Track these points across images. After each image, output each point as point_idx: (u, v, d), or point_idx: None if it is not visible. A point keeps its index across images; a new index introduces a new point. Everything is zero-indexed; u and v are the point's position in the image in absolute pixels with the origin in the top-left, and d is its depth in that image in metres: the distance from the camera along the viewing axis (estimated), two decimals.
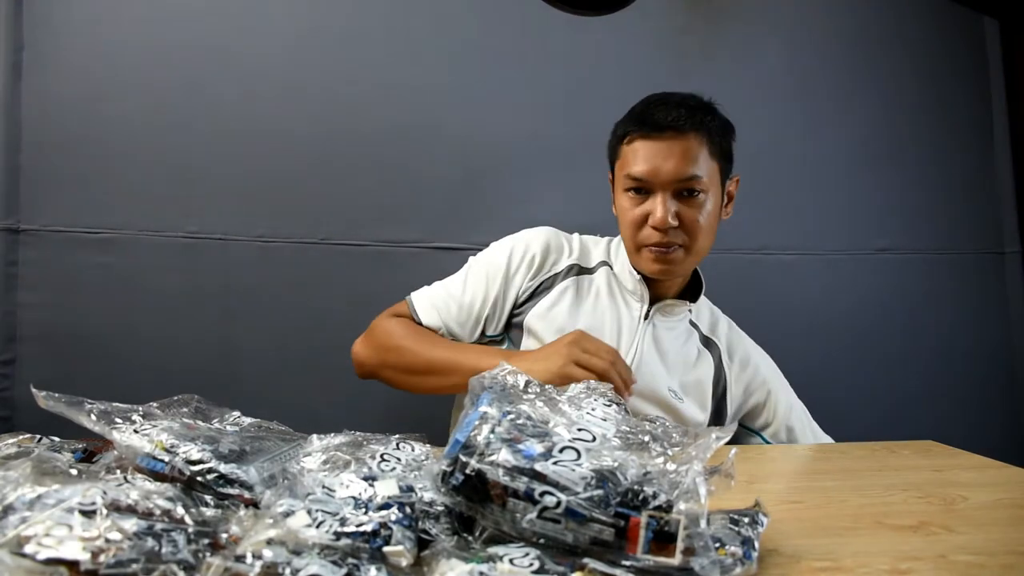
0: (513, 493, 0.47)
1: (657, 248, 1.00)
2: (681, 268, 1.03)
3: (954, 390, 1.56)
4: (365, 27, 1.44)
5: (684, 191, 0.98)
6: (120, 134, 1.34)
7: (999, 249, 1.59)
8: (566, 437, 0.52)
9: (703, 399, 1.07)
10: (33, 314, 1.29)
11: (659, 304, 1.07)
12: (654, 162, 0.97)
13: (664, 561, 0.45)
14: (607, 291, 1.08)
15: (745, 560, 0.49)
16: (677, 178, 0.97)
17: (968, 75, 1.60)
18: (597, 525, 0.46)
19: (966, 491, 0.71)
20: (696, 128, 0.97)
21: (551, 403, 0.58)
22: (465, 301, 1.06)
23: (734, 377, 1.11)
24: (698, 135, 0.98)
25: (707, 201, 0.99)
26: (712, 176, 1.00)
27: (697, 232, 0.99)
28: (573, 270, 1.09)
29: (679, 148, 0.97)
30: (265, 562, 0.41)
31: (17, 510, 0.43)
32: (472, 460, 0.48)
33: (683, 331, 1.10)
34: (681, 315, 1.10)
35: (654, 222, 0.98)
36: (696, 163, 0.97)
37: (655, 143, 0.98)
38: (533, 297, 1.07)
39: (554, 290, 1.07)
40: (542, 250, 1.09)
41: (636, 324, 1.06)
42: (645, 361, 1.04)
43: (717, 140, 1.00)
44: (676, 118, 0.97)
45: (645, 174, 0.98)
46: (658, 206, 0.97)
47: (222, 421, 0.69)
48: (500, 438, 0.50)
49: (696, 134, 0.97)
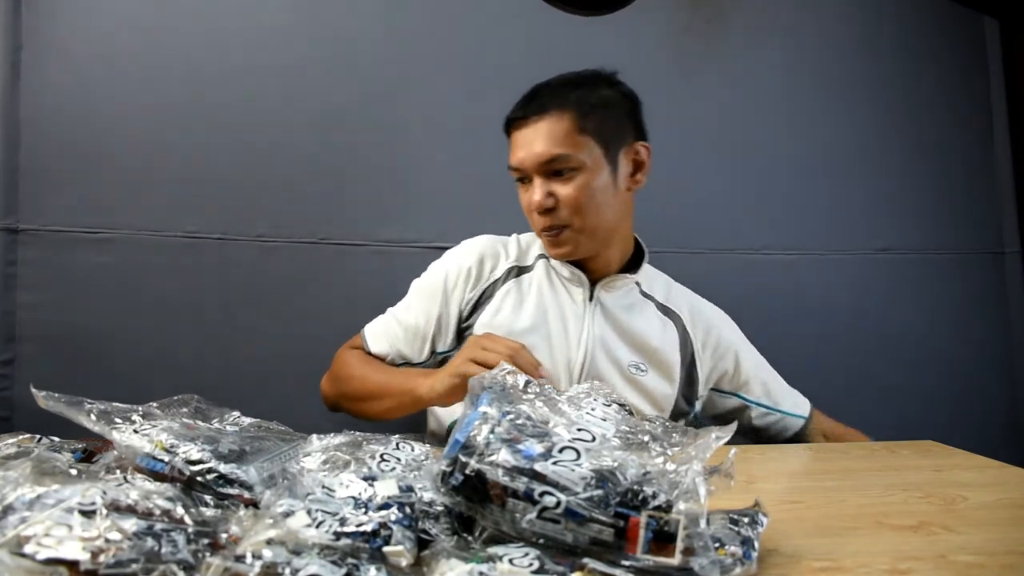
0: (513, 493, 0.47)
1: (547, 232, 1.02)
2: (578, 248, 1.03)
3: (954, 390, 1.56)
4: (365, 27, 1.43)
5: (554, 172, 0.99)
6: (120, 134, 1.34)
7: (999, 249, 1.59)
8: (566, 437, 0.52)
9: (669, 370, 1.08)
10: (32, 314, 1.29)
11: (601, 282, 1.08)
12: (524, 148, 1.00)
13: (664, 561, 0.45)
14: (547, 284, 1.09)
15: (745, 560, 0.49)
16: (541, 160, 0.98)
17: (968, 75, 1.60)
18: (597, 525, 0.46)
19: (966, 491, 0.71)
20: (557, 107, 0.99)
21: (551, 403, 0.58)
22: (410, 323, 1.09)
23: (700, 343, 1.11)
24: (560, 112, 0.99)
25: (583, 176, 0.99)
26: (588, 151, 0.99)
27: (581, 209, 0.99)
28: (512, 272, 1.10)
29: (542, 130, 0.99)
30: (265, 562, 0.41)
31: (17, 510, 0.43)
32: (472, 460, 0.48)
33: (636, 303, 1.10)
34: (626, 288, 1.10)
35: (531, 208, 1.01)
36: (559, 142, 0.98)
37: (523, 130, 1.01)
38: (477, 308, 1.09)
39: (495, 297, 1.08)
40: (477, 260, 1.10)
41: (582, 309, 1.07)
42: (601, 342, 1.05)
43: (590, 113, 1.00)
44: (539, 101, 1.00)
45: (517, 162, 1.01)
46: (534, 191, 1.00)
47: (222, 421, 0.69)
48: (500, 438, 0.50)
49: (557, 112, 0.99)
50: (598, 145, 1.01)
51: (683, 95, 1.52)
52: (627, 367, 1.05)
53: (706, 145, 1.52)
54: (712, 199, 1.51)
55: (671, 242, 1.49)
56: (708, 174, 1.52)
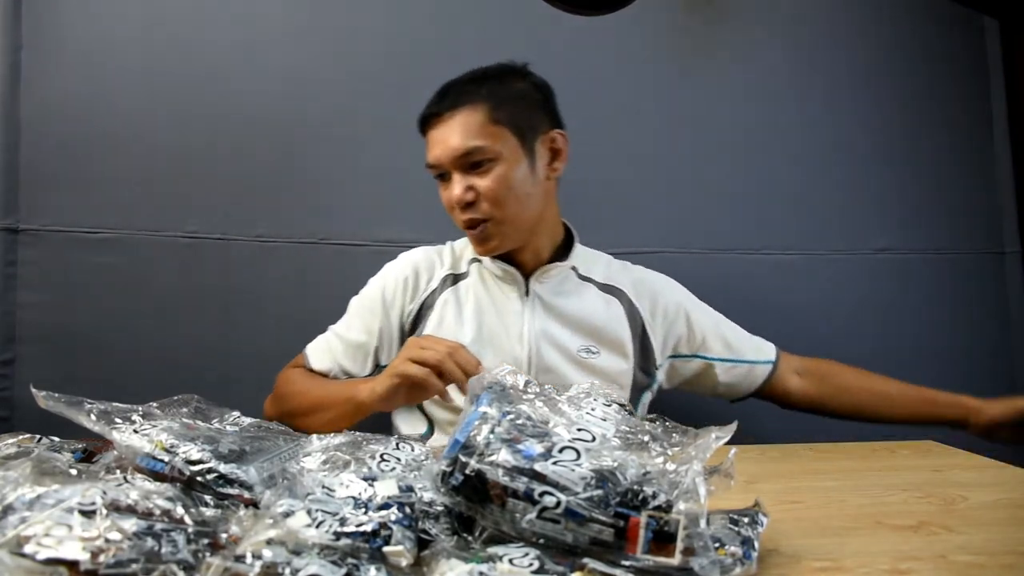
0: (513, 493, 0.47)
1: (470, 229, 1.03)
2: (502, 241, 1.04)
3: (954, 390, 1.55)
4: (365, 27, 1.43)
5: (472, 165, 1.00)
6: (120, 134, 1.34)
7: (999, 249, 1.59)
8: (566, 437, 0.52)
9: (621, 347, 1.08)
10: (33, 314, 1.29)
11: (534, 275, 1.08)
12: (439, 146, 1.01)
13: (664, 561, 0.45)
14: (482, 287, 1.10)
15: (745, 560, 0.49)
16: (456, 154, 0.99)
17: (968, 75, 1.60)
18: (597, 525, 0.46)
19: (966, 491, 0.71)
20: (469, 101, 1.00)
21: (551, 403, 0.58)
22: (351, 339, 1.10)
23: (649, 313, 1.12)
24: (472, 106, 1.00)
25: (501, 168, 1.00)
26: (503, 142, 1.00)
27: (501, 200, 1.00)
28: (448, 281, 1.11)
29: (456, 125, 1.00)
30: (265, 562, 0.41)
31: (17, 510, 0.43)
32: (472, 460, 0.48)
33: (574, 288, 1.11)
34: (560, 275, 1.10)
35: (451, 204, 1.01)
36: (473, 134, 0.99)
37: (435, 129, 1.02)
38: (419, 320, 1.10)
39: (435, 307, 1.09)
40: (412, 271, 1.12)
41: (519, 305, 1.08)
42: (544, 335, 1.06)
43: (502, 104, 1.01)
44: (449, 98, 1.01)
45: (434, 159, 1.02)
46: (453, 186, 1.01)
47: (222, 421, 0.69)
48: (500, 438, 0.50)
49: (470, 106, 1.00)
50: (513, 135, 1.02)
51: (682, 95, 1.52)
52: (576, 353, 1.06)
53: (705, 145, 1.52)
54: (712, 199, 1.51)
55: (671, 242, 1.49)
56: (708, 174, 1.52)
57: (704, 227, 1.50)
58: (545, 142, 1.06)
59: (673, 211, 1.50)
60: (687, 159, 1.51)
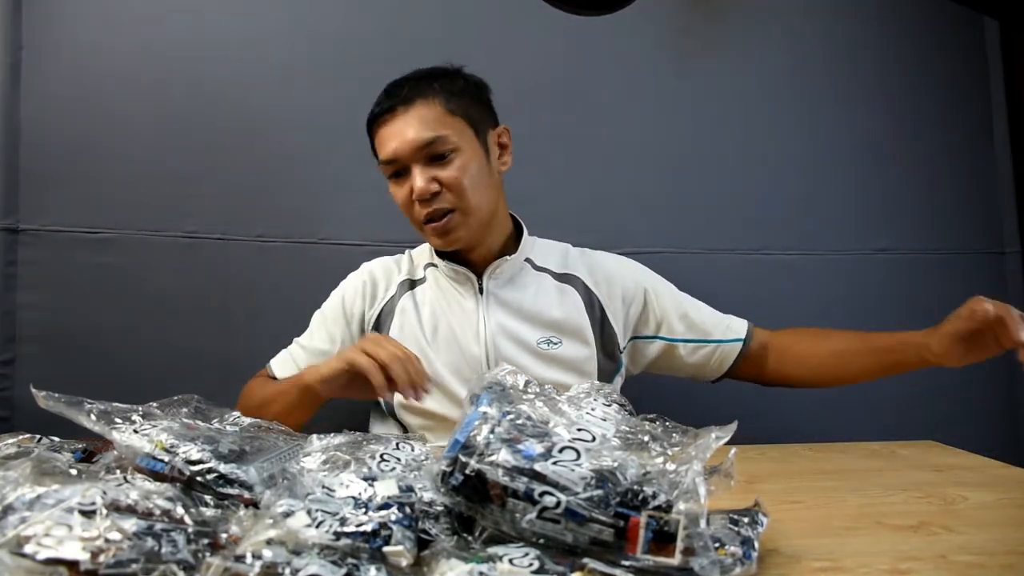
0: (513, 493, 0.47)
1: (432, 221, 1.02)
2: (466, 233, 1.04)
3: (954, 390, 1.56)
4: (365, 27, 1.43)
5: (433, 156, 1.00)
6: (120, 134, 1.34)
7: (999, 249, 1.59)
8: (566, 437, 0.52)
9: (582, 334, 1.08)
10: (33, 314, 1.29)
11: (487, 272, 1.09)
12: (396, 139, 1.00)
13: (664, 561, 0.45)
14: (438, 291, 1.11)
15: (745, 560, 0.49)
16: (417, 145, 0.99)
17: (968, 75, 1.60)
18: (597, 525, 0.46)
19: (966, 491, 0.71)
20: (422, 95, 1.01)
21: (551, 403, 0.58)
22: (314, 346, 1.11)
23: (606, 295, 1.11)
24: (426, 100, 1.01)
25: (462, 158, 1.01)
26: (461, 133, 1.02)
27: (463, 190, 1.00)
28: (404, 286, 1.12)
29: (413, 117, 1.00)
30: (265, 562, 0.41)
31: (17, 510, 0.43)
32: (472, 460, 0.48)
33: (529, 281, 1.11)
34: (512, 269, 1.10)
35: (416, 195, 1.00)
36: (432, 125, 0.99)
37: (391, 122, 1.01)
38: (380, 326, 1.10)
39: (395, 313, 1.10)
40: (371, 279, 1.13)
41: (474, 304, 1.08)
42: (501, 331, 1.06)
43: (454, 98, 1.02)
44: (401, 93, 1.01)
45: (392, 153, 1.01)
46: (415, 178, 1.00)
47: (222, 421, 0.69)
48: (500, 438, 0.50)
49: (424, 100, 1.01)
50: (468, 127, 1.03)
51: (682, 95, 1.52)
52: (536, 345, 1.06)
53: (705, 145, 1.52)
54: (711, 199, 1.51)
55: (671, 242, 1.49)
56: (707, 174, 1.52)
57: (704, 227, 1.50)
58: (493, 137, 1.08)
59: (673, 211, 1.50)
60: (687, 159, 1.51)
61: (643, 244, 1.45)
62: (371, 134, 1.07)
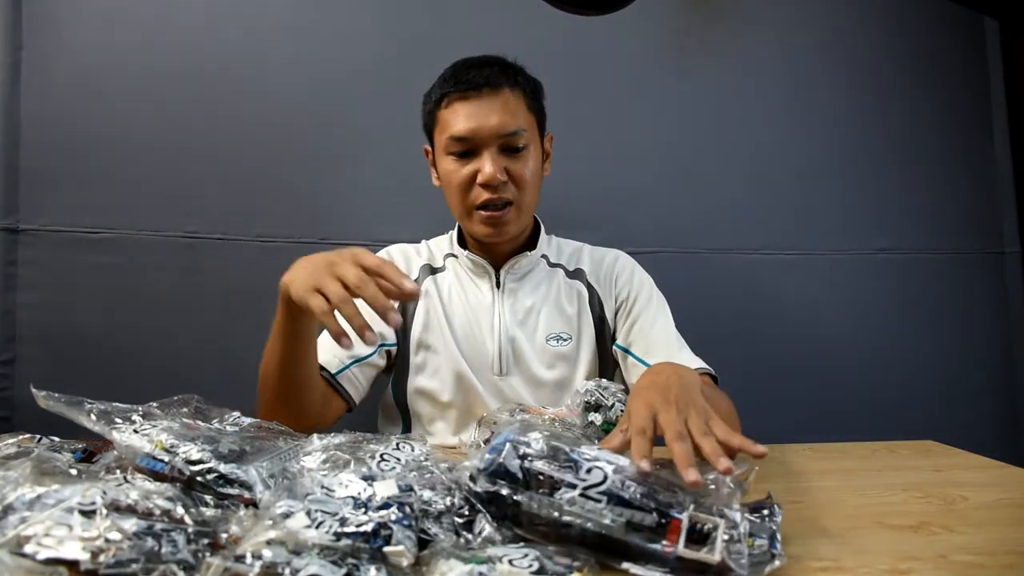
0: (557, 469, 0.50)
1: (489, 208, 1.01)
2: (514, 228, 1.04)
3: (954, 390, 1.56)
4: (366, 27, 1.43)
5: (509, 146, 1.00)
6: (120, 134, 1.34)
7: (999, 249, 1.59)
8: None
9: (588, 329, 1.09)
10: (33, 314, 1.29)
11: (504, 267, 1.09)
12: (477, 119, 0.98)
13: (704, 558, 0.45)
14: (457, 283, 1.11)
15: (775, 552, 0.49)
16: (501, 132, 0.98)
17: (968, 75, 1.60)
18: (639, 512, 0.47)
19: (966, 491, 0.71)
20: (510, 84, 1.01)
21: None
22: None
23: (601, 284, 1.12)
24: (513, 90, 1.01)
25: (531, 155, 1.02)
26: (532, 130, 1.03)
27: (525, 187, 1.01)
28: (426, 270, 1.12)
29: (499, 103, 0.99)
30: (265, 562, 0.41)
31: (17, 510, 0.43)
32: (519, 446, 0.52)
33: (543, 278, 1.11)
34: (530, 264, 1.11)
35: (483, 179, 0.99)
36: (517, 117, 1.00)
37: (474, 102, 0.99)
38: (403, 312, 1.07)
39: (420, 294, 1.08)
40: (389, 259, 1.13)
41: (490, 298, 1.08)
42: (517, 325, 1.07)
43: (531, 95, 1.04)
44: (490, 75, 1.00)
45: (469, 132, 0.99)
46: (486, 163, 0.98)
47: (222, 421, 0.69)
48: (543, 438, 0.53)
49: (511, 89, 1.01)
50: (537, 127, 1.05)
51: (682, 95, 1.52)
52: (546, 342, 1.07)
53: (705, 145, 1.52)
54: (712, 199, 1.51)
55: (671, 242, 1.49)
56: (707, 174, 1.52)
57: (704, 227, 1.50)
58: (546, 141, 1.09)
59: (673, 211, 1.50)
60: (687, 159, 1.51)
61: (643, 244, 1.45)
62: (439, 104, 1.02)
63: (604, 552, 0.47)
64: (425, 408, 1.08)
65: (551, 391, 1.06)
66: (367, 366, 1.04)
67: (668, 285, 1.17)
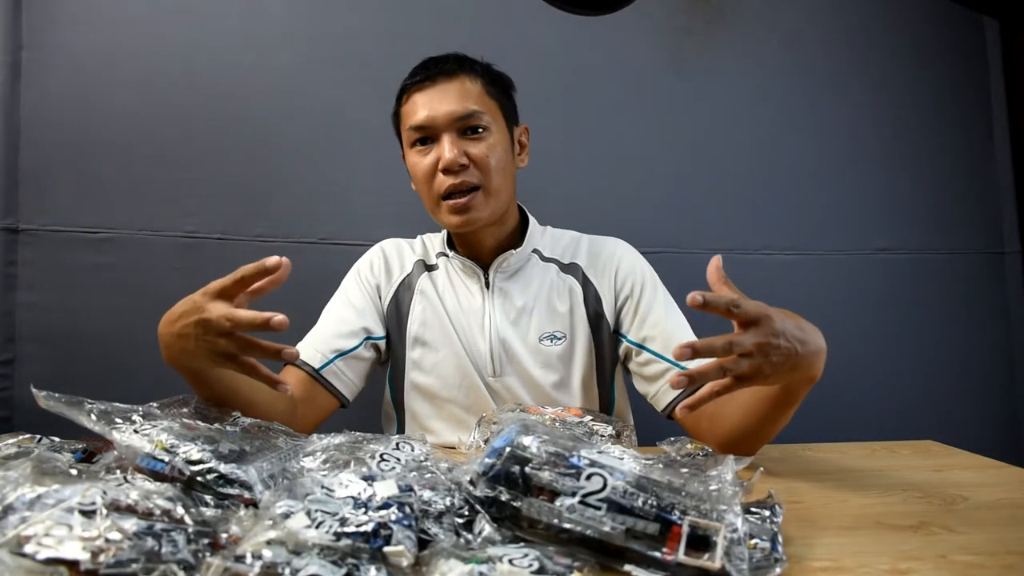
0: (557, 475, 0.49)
1: (454, 196, 1.00)
2: (484, 213, 1.01)
3: (954, 390, 1.56)
4: (365, 27, 1.43)
5: (467, 129, 1.00)
6: (120, 134, 1.34)
7: (999, 249, 1.59)
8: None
9: (582, 326, 1.07)
10: (32, 314, 1.29)
11: (493, 265, 1.08)
12: (431, 106, 0.99)
13: (704, 564, 0.45)
14: (448, 284, 1.10)
15: (775, 556, 0.49)
16: (456, 116, 0.99)
17: (968, 75, 1.60)
18: (640, 520, 0.46)
19: (966, 491, 0.71)
20: (466, 71, 1.02)
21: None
22: (331, 317, 1.07)
23: (599, 277, 1.09)
24: (470, 76, 1.02)
25: (493, 138, 1.01)
26: (494, 114, 1.02)
27: (489, 169, 1.00)
28: (420, 267, 1.12)
29: (454, 88, 1.00)
30: (265, 562, 0.41)
31: (17, 510, 0.43)
32: (518, 450, 0.51)
33: (535, 274, 1.10)
34: (519, 262, 1.09)
35: (443, 164, 0.99)
36: (472, 100, 1.00)
37: (429, 90, 1.01)
38: (400, 303, 1.09)
39: (416, 292, 1.09)
40: (382, 254, 1.13)
41: (480, 300, 1.07)
42: (508, 325, 1.06)
43: (492, 82, 1.04)
44: (445, 66, 1.02)
45: (425, 120, 1.00)
46: (445, 147, 0.98)
47: (222, 421, 0.69)
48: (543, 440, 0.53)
49: (467, 75, 1.01)
50: (500, 114, 1.04)
51: (682, 95, 1.52)
52: (539, 341, 1.06)
53: (706, 145, 1.52)
54: (711, 199, 1.51)
55: (671, 242, 1.49)
56: (707, 174, 1.52)
57: (704, 227, 1.50)
58: (518, 132, 1.09)
59: (673, 211, 1.50)
60: (687, 159, 1.51)
61: (643, 244, 1.44)
62: (400, 101, 1.05)
63: (604, 553, 0.47)
64: (422, 406, 1.08)
65: (548, 391, 1.05)
66: (353, 359, 1.03)
67: (668, 285, 1.16)
